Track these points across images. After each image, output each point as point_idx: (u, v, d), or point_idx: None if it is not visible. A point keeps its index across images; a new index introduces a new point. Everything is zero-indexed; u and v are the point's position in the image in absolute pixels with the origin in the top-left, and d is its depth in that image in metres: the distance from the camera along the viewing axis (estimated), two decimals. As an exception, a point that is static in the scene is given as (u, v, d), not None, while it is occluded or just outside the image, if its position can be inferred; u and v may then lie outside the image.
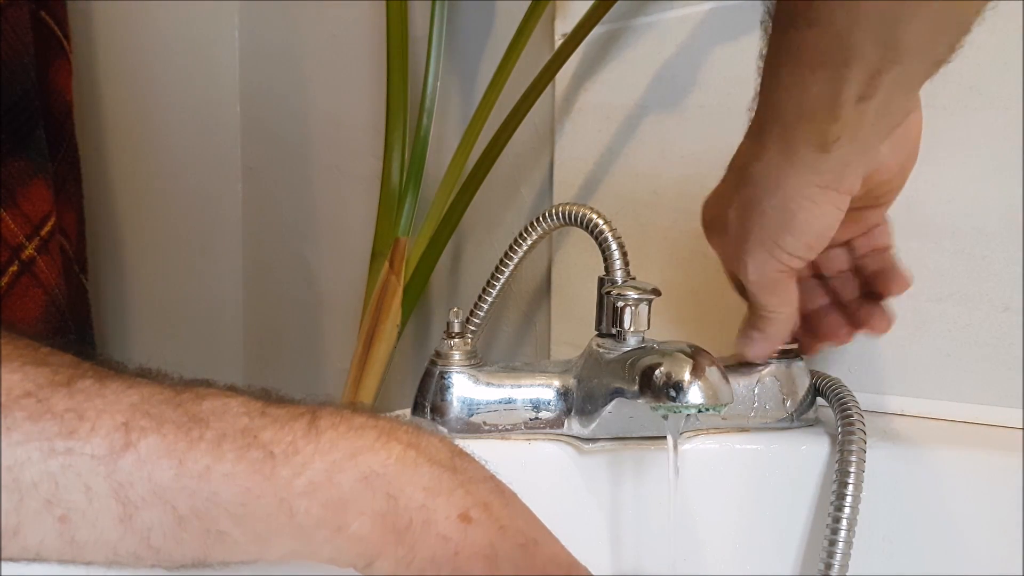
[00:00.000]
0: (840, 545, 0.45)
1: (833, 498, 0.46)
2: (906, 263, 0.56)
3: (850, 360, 0.58)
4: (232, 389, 0.32)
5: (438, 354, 0.52)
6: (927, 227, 0.56)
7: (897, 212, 0.56)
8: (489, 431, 0.50)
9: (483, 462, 0.34)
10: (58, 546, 0.29)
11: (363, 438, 0.31)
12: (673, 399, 0.42)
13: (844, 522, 0.45)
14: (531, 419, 0.50)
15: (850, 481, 0.46)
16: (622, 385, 0.46)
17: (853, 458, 0.46)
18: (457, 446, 0.34)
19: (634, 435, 0.50)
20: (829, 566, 0.45)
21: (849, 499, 0.46)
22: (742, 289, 0.49)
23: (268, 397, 0.32)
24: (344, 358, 0.78)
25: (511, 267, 0.55)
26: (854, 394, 0.51)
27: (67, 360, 0.30)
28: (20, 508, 0.28)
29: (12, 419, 0.27)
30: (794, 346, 0.52)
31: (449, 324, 0.52)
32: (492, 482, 0.33)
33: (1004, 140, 0.53)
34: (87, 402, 0.28)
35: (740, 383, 0.51)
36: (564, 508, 0.51)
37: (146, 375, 0.32)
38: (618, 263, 0.50)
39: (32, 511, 0.28)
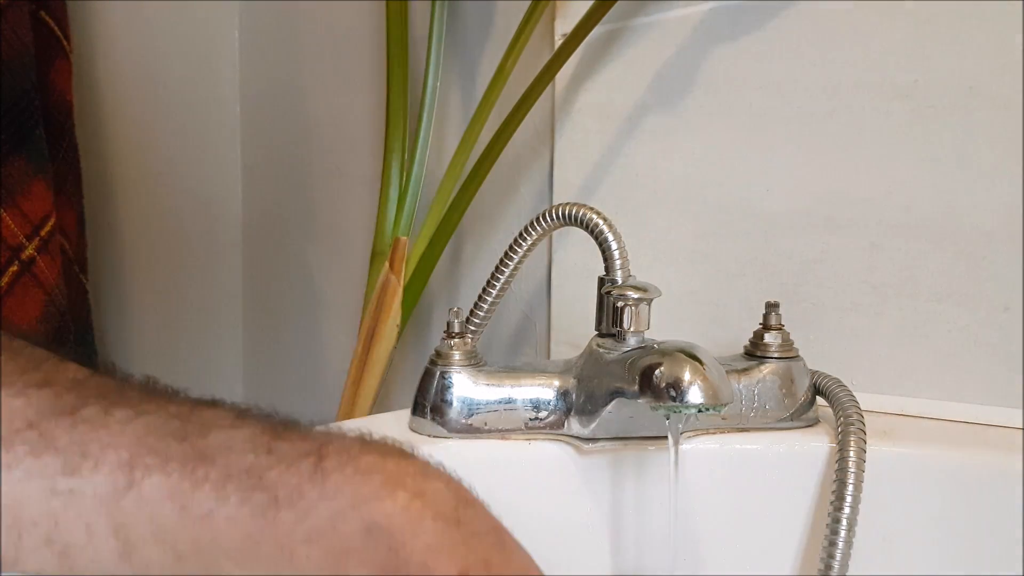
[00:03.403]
0: (840, 545, 0.45)
1: (833, 498, 0.46)
2: (906, 263, 0.57)
3: (850, 360, 0.58)
4: (239, 415, 0.31)
5: (438, 354, 0.52)
6: (927, 227, 0.56)
7: (897, 212, 0.57)
8: (489, 431, 0.50)
9: (487, 506, 0.33)
10: (58, 571, 0.28)
11: (369, 483, 0.30)
12: (673, 399, 0.42)
13: (844, 522, 0.45)
14: (531, 419, 0.50)
15: (850, 481, 0.46)
16: (622, 385, 0.46)
17: (853, 458, 0.46)
18: (464, 490, 0.33)
19: (634, 435, 0.50)
20: (829, 566, 0.45)
21: (849, 499, 0.46)
22: None
23: (274, 426, 0.31)
24: (344, 358, 0.78)
25: (511, 267, 0.55)
26: (854, 394, 0.51)
27: (70, 377, 0.29)
28: (19, 544, 0.27)
29: (13, 455, 0.27)
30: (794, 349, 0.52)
31: (449, 324, 0.52)
32: (495, 535, 0.32)
33: (1004, 140, 0.53)
34: (91, 433, 0.28)
35: (740, 383, 0.51)
36: (564, 508, 0.51)
37: (151, 392, 0.31)
38: (618, 263, 0.50)
39: (30, 547, 0.28)
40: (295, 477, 0.30)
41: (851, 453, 0.47)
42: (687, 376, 0.42)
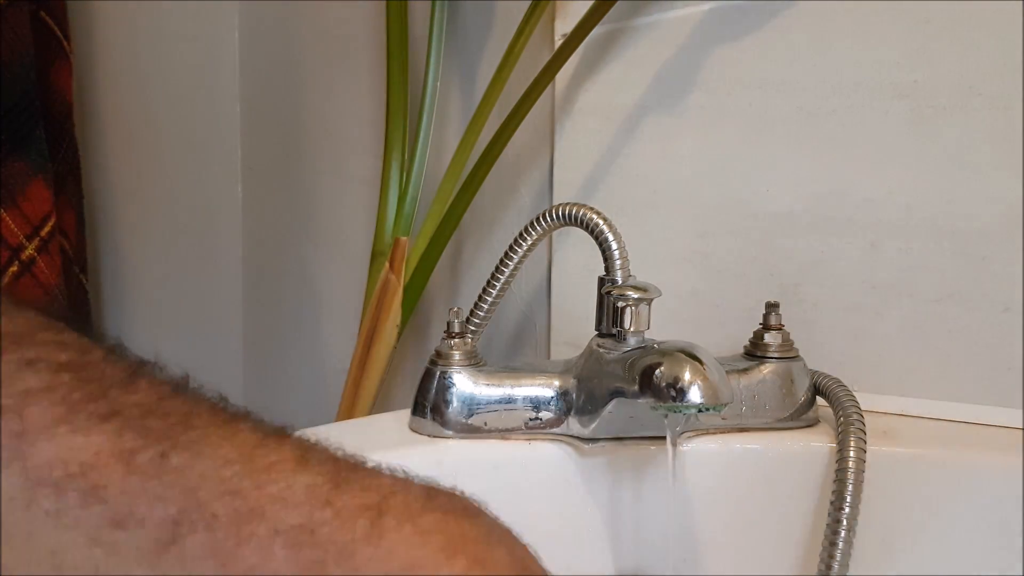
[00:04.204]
0: (840, 545, 0.45)
1: (833, 498, 0.46)
2: (906, 263, 0.57)
3: (850, 360, 0.58)
4: (303, 458, 0.30)
5: (438, 354, 0.52)
6: (927, 227, 0.56)
7: (897, 212, 0.57)
8: (489, 431, 0.50)
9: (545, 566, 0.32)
10: None
11: (427, 546, 0.29)
12: (673, 399, 0.42)
13: (844, 522, 0.45)
14: (531, 419, 0.50)
15: (850, 481, 0.46)
16: (622, 385, 0.46)
17: (853, 458, 0.47)
18: (530, 559, 0.32)
19: (634, 435, 0.50)
20: (829, 566, 0.45)
21: (849, 499, 0.46)
22: None
23: (338, 471, 0.30)
24: (344, 358, 0.78)
25: (511, 267, 0.55)
26: (854, 394, 0.51)
27: (137, 402, 0.29)
28: None
29: (64, 502, 0.27)
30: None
31: (449, 324, 0.52)
32: None
33: (1004, 140, 0.53)
34: (143, 484, 0.28)
35: (740, 383, 0.51)
36: (564, 508, 0.51)
37: (219, 421, 0.30)
38: (618, 263, 0.50)
39: None
40: (348, 534, 0.29)
41: (851, 453, 0.47)
42: (687, 376, 0.42)
